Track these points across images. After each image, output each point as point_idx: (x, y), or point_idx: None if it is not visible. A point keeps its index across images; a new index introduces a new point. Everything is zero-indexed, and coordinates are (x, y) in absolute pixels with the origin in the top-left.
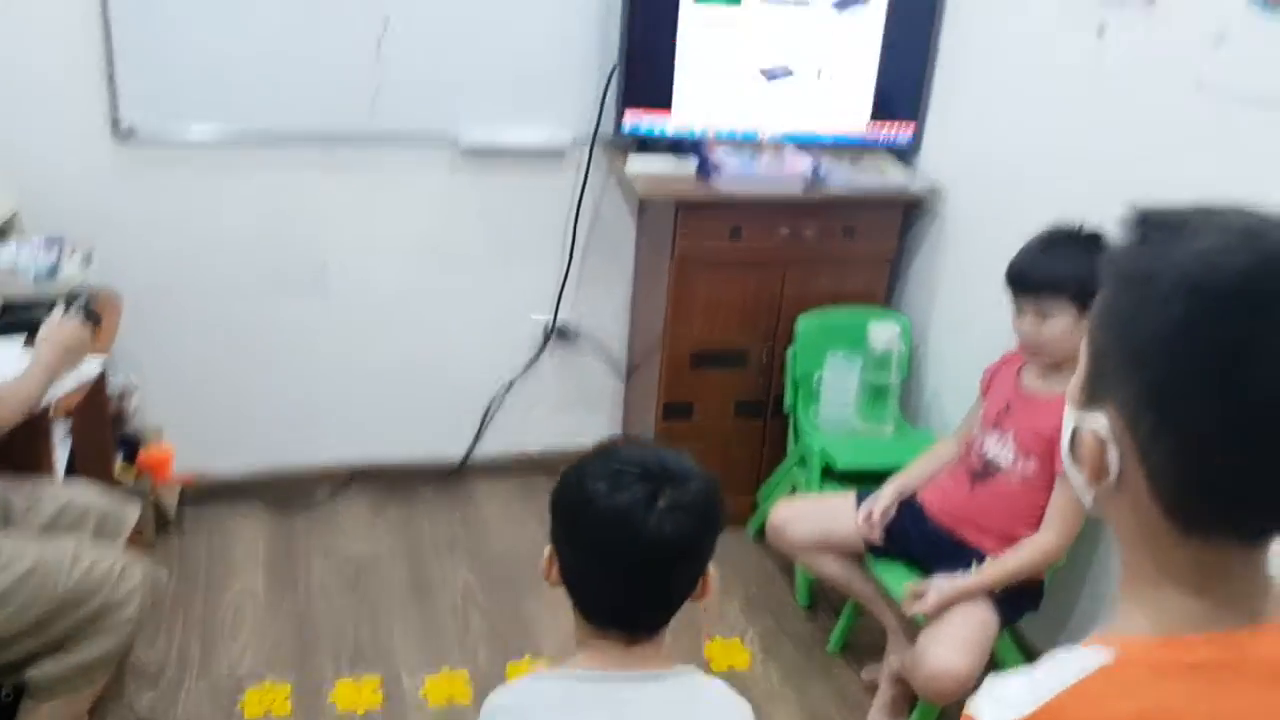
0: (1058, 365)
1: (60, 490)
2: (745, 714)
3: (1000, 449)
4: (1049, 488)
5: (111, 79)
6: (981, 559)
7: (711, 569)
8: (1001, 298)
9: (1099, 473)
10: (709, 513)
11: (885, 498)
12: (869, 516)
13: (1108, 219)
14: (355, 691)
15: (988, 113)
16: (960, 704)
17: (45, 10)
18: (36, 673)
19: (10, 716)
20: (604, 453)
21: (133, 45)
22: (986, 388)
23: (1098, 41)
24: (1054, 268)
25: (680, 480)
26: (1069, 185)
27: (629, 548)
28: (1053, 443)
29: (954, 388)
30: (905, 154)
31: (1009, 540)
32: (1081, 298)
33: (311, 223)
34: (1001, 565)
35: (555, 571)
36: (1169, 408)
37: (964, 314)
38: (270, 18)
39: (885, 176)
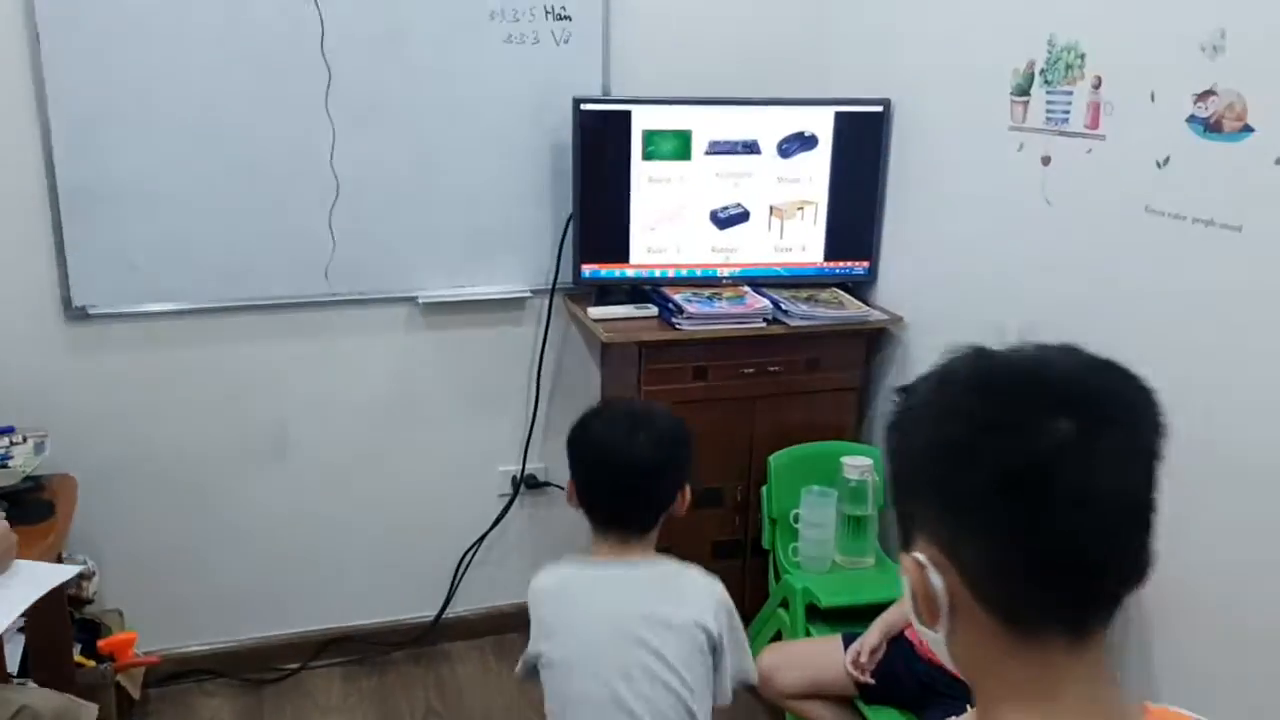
0: None
1: (13, 695)
2: (716, 587)
3: None
4: None
5: (62, 260)
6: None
7: (687, 490)
8: None
9: (933, 606)
10: (676, 442)
11: (873, 638)
12: (857, 659)
13: (1065, 333)
14: None
15: (941, 241)
16: None
17: None
18: None
19: None
20: (601, 405)
21: (83, 226)
22: None
23: (1043, 170)
24: None
25: (653, 420)
26: (1027, 306)
27: (617, 469)
28: None
29: None
30: (862, 286)
31: None
32: None
33: (271, 389)
34: None
35: (575, 495)
36: (954, 508)
37: None
38: (220, 194)
39: (845, 309)
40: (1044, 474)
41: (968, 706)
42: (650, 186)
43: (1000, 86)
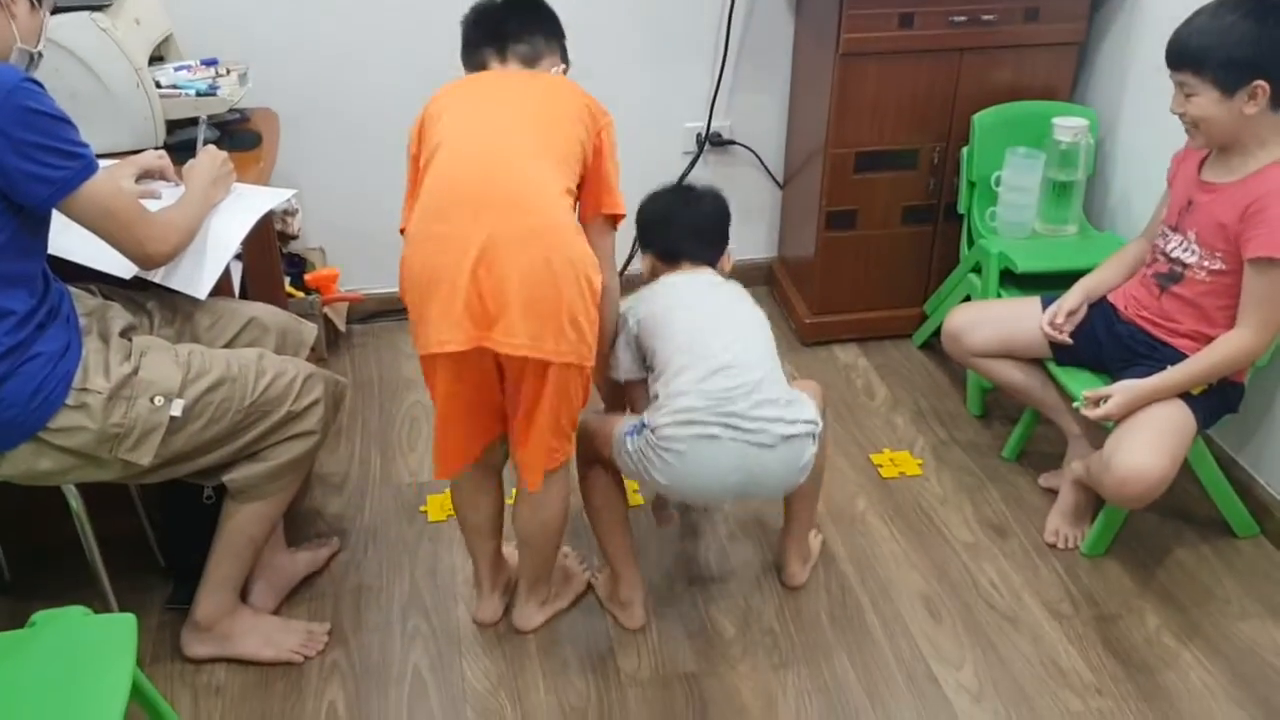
0: (1236, 152)
1: (242, 308)
2: (744, 292)
3: (1184, 250)
4: (1236, 285)
5: None
6: (1177, 361)
7: (730, 251)
8: None
9: None
10: (717, 210)
11: (1073, 299)
12: (1054, 320)
13: None
14: None
15: None
16: (1149, 507)
17: None
18: (232, 477)
19: (214, 516)
20: (662, 189)
21: None
22: (1172, 179)
23: None
24: (1199, 40)
25: (700, 194)
26: None
27: (677, 220)
28: (1236, 235)
29: (1144, 187)
30: None
31: (1205, 342)
32: (1226, 74)
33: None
34: (1193, 365)
35: (648, 264)
36: None
37: (1158, 106)
38: None
39: None
40: None
41: (1167, 367)
42: None
43: None
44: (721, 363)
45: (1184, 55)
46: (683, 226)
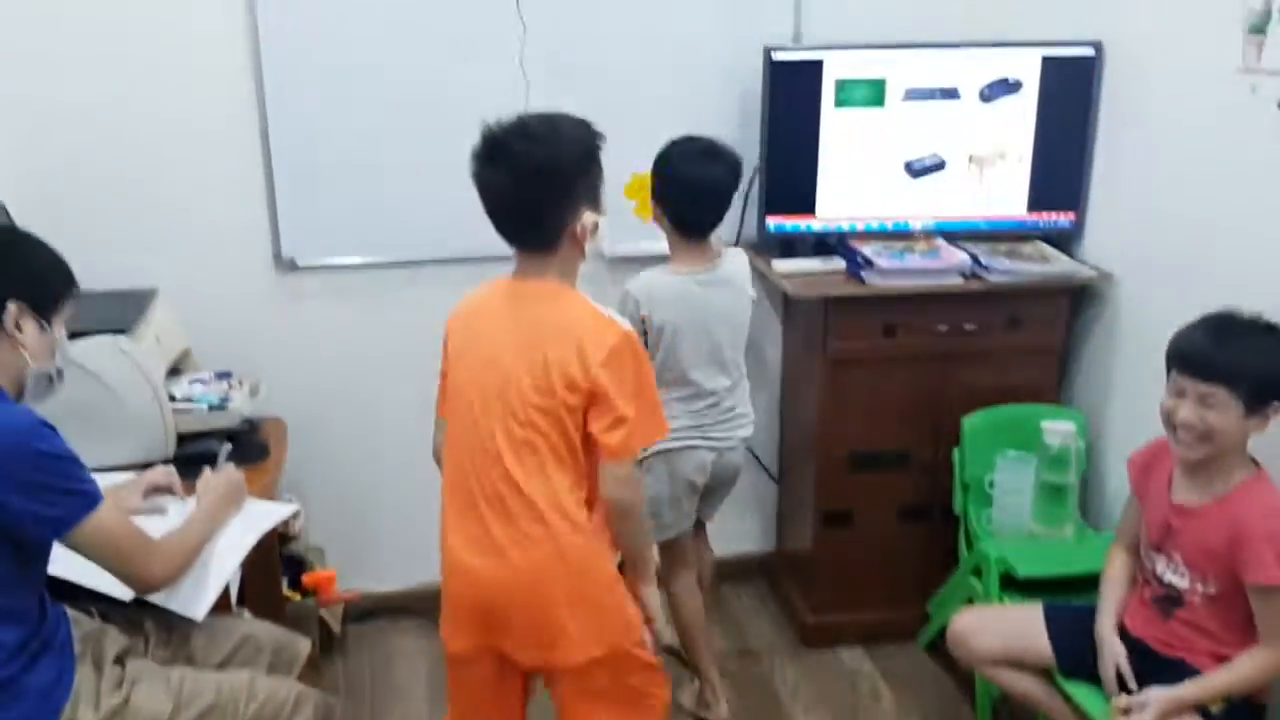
0: (1205, 468)
1: (237, 626)
2: (746, 261)
3: (1174, 574)
4: (1240, 603)
5: (274, 215)
6: (1192, 674)
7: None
8: None
9: None
10: (737, 174)
11: (1115, 647)
12: (1121, 679)
13: None
14: None
15: (1156, 194)
16: None
17: (218, 167)
18: None
19: None
20: (687, 142)
21: (292, 187)
22: (1139, 490)
23: (1276, 114)
24: (1237, 356)
25: (722, 152)
26: (1250, 267)
27: (707, 191)
28: (1226, 557)
29: None
30: (1065, 240)
31: (1222, 659)
32: (1259, 393)
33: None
34: (1219, 679)
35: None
36: None
37: (1144, 407)
38: (417, 153)
39: (1050, 264)
40: None
41: (1185, 680)
42: (840, 136)
43: (1230, 24)
44: (708, 390)
45: (1219, 368)
46: (713, 198)
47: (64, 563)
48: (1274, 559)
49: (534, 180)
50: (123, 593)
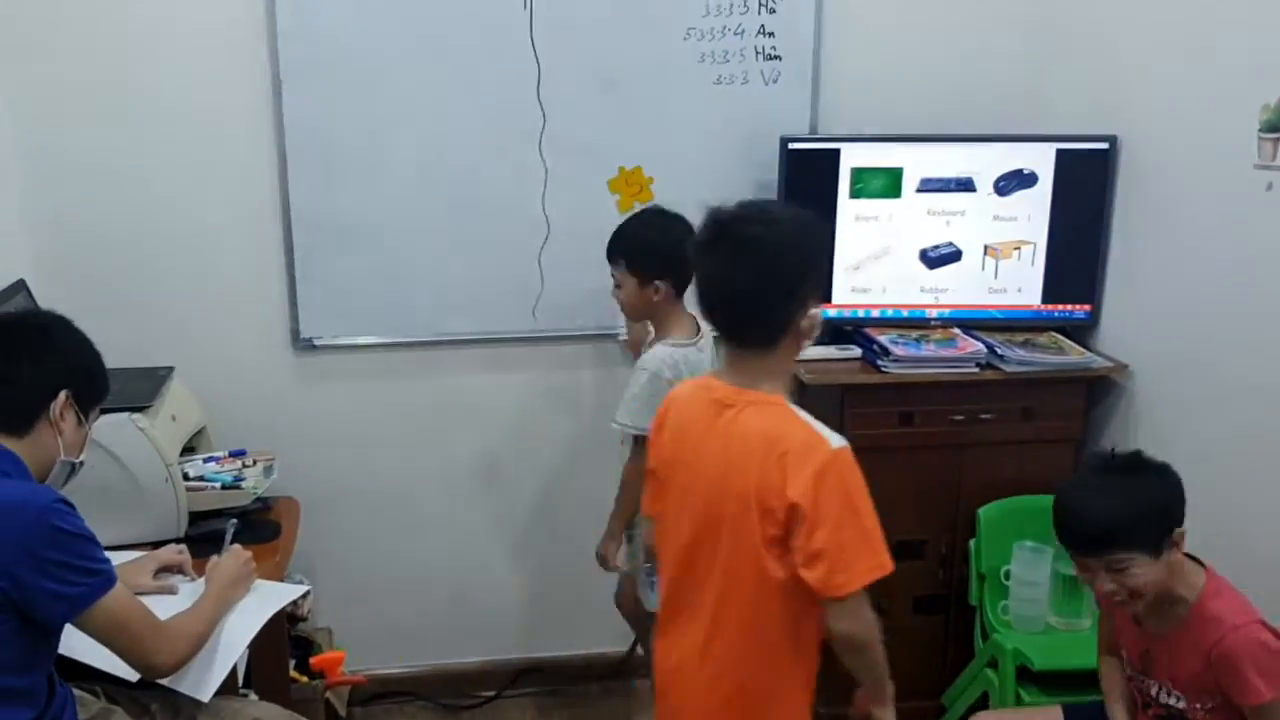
0: (1156, 603)
1: (244, 709)
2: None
3: (1171, 698)
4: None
5: (293, 295)
6: None
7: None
8: (1200, 479)
9: None
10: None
11: None
12: None
13: None
14: None
15: (1171, 287)
16: None
17: (236, 246)
18: None
19: None
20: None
21: (312, 263)
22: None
23: None
24: (1115, 518)
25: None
26: (1264, 360)
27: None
28: (1212, 680)
29: None
30: (1082, 331)
31: None
32: (1152, 540)
33: (478, 419)
34: None
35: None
36: None
37: None
38: (438, 233)
39: (1065, 355)
40: None
41: None
42: (857, 225)
43: (1245, 122)
44: None
45: (1106, 540)
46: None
47: (70, 642)
48: (1256, 676)
49: (764, 267)
50: (128, 673)
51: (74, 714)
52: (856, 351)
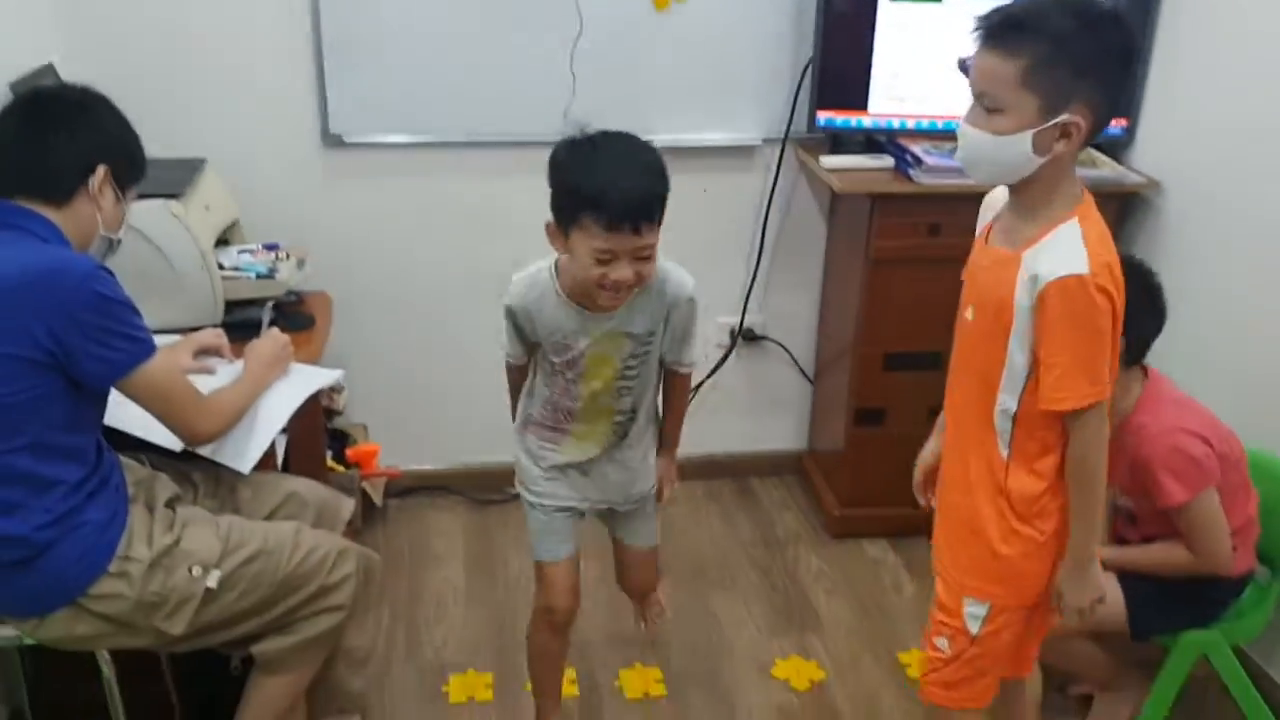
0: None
1: (283, 482)
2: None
3: (1121, 498)
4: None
5: (322, 91)
6: None
7: None
8: (1232, 293)
9: None
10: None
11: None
12: None
13: None
14: None
15: (1219, 99)
16: None
17: (266, 39)
18: (261, 649)
19: (240, 686)
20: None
21: (341, 62)
22: None
23: None
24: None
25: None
26: None
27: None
28: (1140, 482)
29: (1182, 382)
30: (1117, 146)
31: None
32: None
33: (504, 223)
34: (1133, 552)
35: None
36: None
37: (1186, 312)
38: (467, 33)
39: (1099, 169)
40: None
41: None
42: (897, 31)
43: None
44: None
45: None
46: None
47: (116, 413)
48: (1171, 480)
49: None
50: (172, 443)
51: (121, 477)
52: (889, 161)
